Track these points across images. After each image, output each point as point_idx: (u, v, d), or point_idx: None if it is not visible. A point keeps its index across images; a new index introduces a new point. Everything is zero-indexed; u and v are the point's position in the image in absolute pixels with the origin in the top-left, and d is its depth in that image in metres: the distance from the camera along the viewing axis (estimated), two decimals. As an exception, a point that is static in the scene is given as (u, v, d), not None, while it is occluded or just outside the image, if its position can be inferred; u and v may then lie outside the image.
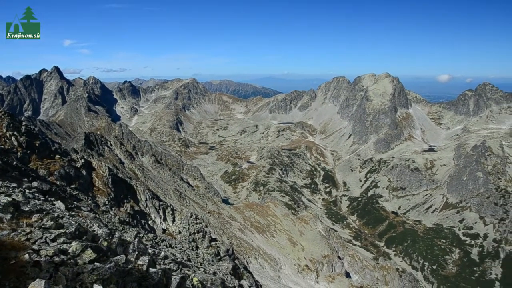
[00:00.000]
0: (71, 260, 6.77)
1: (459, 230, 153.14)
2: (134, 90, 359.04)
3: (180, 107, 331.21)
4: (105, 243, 9.01)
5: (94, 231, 11.92)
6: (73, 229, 8.71)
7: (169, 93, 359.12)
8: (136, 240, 10.88)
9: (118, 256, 7.85)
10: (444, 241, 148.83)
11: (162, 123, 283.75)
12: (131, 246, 10.11)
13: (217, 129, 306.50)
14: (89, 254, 7.15)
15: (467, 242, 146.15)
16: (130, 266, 7.65)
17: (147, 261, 8.47)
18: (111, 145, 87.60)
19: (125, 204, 44.98)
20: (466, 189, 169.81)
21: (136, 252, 9.35)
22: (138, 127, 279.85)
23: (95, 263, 6.93)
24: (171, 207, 51.54)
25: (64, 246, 7.21)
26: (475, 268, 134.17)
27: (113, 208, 39.60)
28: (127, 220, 38.26)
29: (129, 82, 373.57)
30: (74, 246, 7.21)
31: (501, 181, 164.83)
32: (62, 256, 6.69)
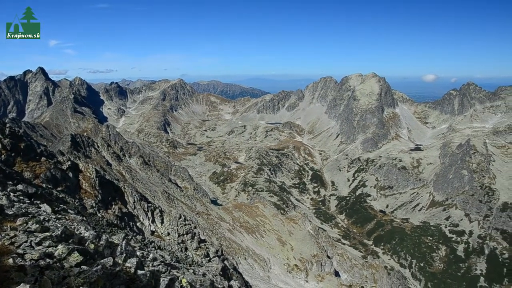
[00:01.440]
0: (57, 264, 6.66)
1: (446, 227, 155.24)
2: (121, 91, 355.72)
3: (168, 108, 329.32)
4: (92, 246, 8.90)
5: (80, 233, 11.77)
6: (59, 232, 8.59)
7: (157, 94, 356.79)
8: (124, 242, 10.77)
9: (106, 259, 7.76)
10: (431, 238, 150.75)
11: (150, 124, 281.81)
12: (119, 249, 9.99)
13: (205, 130, 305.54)
14: (75, 257, 7.05)
15: (453, 239, 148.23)
16: (117, 269, 7.56)
17: (135, 263, 8.39)
18: (98, 146, 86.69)
19: (113, 206, 44.52)
20: (451, 187, 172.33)
21: (124, 255, 9.24)
22: (126, 128, 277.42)
23: (81, 266, 6.83)
24: (160, 208, 51.16)
25: (50, 249, 7.09)
26: (461, 265, 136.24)
27: (100, 211, 39.14)
28: (115, 222, 37.86)
29: (116, 83, 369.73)
30: (60, 249, 7.10)
31: (485, 178, 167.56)
32: (47, 260, 6.58)
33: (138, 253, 12.76)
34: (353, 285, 79.17)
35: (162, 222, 47.84)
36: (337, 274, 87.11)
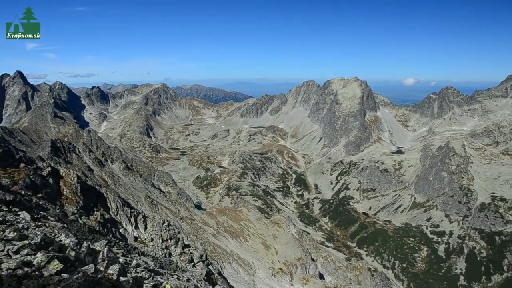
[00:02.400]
0: (36, 272, 6.53)
1: (427, 228, 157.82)
2: (102, 96, 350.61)
3: (150, 113, 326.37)
4: (73, 253, 8.76)
5: (61, 241, 11.55)
6: (38, 240, 8.43)
7: (139, 98, 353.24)
8: (106, 248, 10.62)
9: (87, 266, 7.65)
10: (413, 239, 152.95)
11: (132, 129, 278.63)
12: (101, 255, 9.85)
13: (188, 134, 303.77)
14: (55, 265, 6.93)
15: (434, 239, 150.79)
16: (99, 276, 7.46)
17: (118, 270, 8.28)
18: (80, 152, 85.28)
19: (95, 212, 43.79)
20: (432, 189, 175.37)
21: (106, 261, 9.12)
22: (108, 133, 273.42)
23: (62, 274, 6.72)
24: (143, 214, 50.58)
25: (28, 258, 6.96)
26: (442, 264, 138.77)
27: (82, 217, 38.47)
28: (98, 228, 37.28)
29: (98, 87, 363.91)
30: (39, 257, 6.97)
31: (464, 180, 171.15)
32: (26, 269, 6.45)
33: (121, 260, 12.60)
34: (337, 287, 79.70)
35: (145, 228, 47.29)
36: (321, 276, 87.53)
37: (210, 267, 34.66)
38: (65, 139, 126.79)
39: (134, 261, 14.13)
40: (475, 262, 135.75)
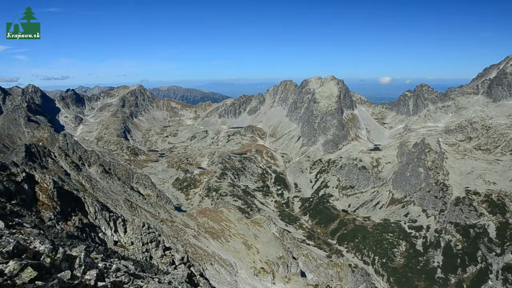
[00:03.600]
0: (8, 281, 6.31)
1: (405, 223, 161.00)
2: (78, 98, 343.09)
3: (128, 115, 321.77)
4: (48, 260, 8.51)
5: (35, 248, 11.23)
6: (11, 248, 8.15)
7: (116, 101, 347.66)
8: (83, 254, 10.37)
9: (63, 272, 7.46)
10: (391, 235, 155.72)
11: (109, 131, 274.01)
12: (77, 261, 9.61)
13: (167, 136, 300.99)
14: (29, 273, 6.71)
15: (412, 234, 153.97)
16: (76, 282, 7.28)
17: (95, 275, 8.11)
18: (55, 156, 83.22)
19: (73, 217, 42.78)
20: (409, 185, 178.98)
21: (83, 267, 8.91)
22: (84, 136, 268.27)
23: (36, 282, 6.52)
24: (122, 217, 49.76)
25: (0, 266, 6.72)
26: (420, 258, 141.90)
27: (59, 223, 37.52)
28: (76, 234, 36.45)
29: (73, 90, 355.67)
30: (12, 265, 6.73)
31: (439, 175, 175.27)
32: (-2, 278, 6.23)
33: (100, 265, 12.35)
34: (319, 284, 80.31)
35: (125, 232, 46.53)
36: (303, 274, 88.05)
37: (191, 268, 34.38)
38: (40, 143, 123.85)
39: (114, 266, 13.85)
40: (451, 254, 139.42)
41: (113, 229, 46.49)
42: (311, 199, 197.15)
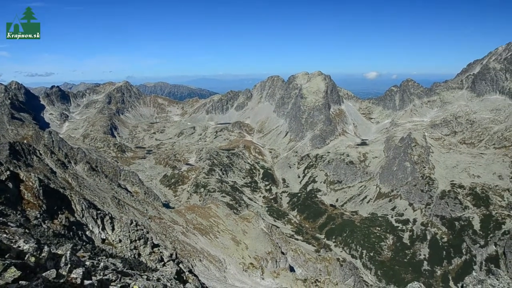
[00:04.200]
0: (-9, 281, 6.08)
1: (392, 217, 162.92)
2: (63, 95, 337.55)
3: (114, 112, 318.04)
4: (32, 259, 8.26)
5: (19, 247, 10.93)
6: (-6, 247, 7.89)
7: (102, 97, 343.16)
8: (69, 252, 10.13)
9: (48, 271, 7.23)
10: (379, 228, 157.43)
11: (96, 128, 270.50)
12: (63, 259, 9.37)
13: (154, 133, 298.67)
14: (12, 273, 6.47)
15: (399, 228, 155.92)
16: (62, 281, 7.07)
17: (81, 273, 7.89)
18: (41, 154, 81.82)
19: (60, 215, 42.11)
20: (396, 179, 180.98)
21: (69, 265, 8.68)
22: (70, 134, 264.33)
23: (20, 282, 6.29)
24: (110, 215, 49.16)
25: (-18, 266, 6.47)
26: (407, 251, 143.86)
27: (46, 221, 36.89)
28: (63, 232, 35.89)
29: (57, 86, 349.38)
30: (-6, 265, 6.50)
31: (425, 169, 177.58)
32: (-21, 278, 5.99)
33: (87, 263, 12.12)
34: (307, 279, 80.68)
35: (113, 229, 46.01)
36: (292, 269, 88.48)
37: (180, 265, 34.14)
38: (25, 141, 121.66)
39: (102, 264, 13.61)
40: (437, 247, 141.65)
41: (100, 227, 45.95)
42: (299, 194, 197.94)
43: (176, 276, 24.36)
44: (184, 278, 28.50)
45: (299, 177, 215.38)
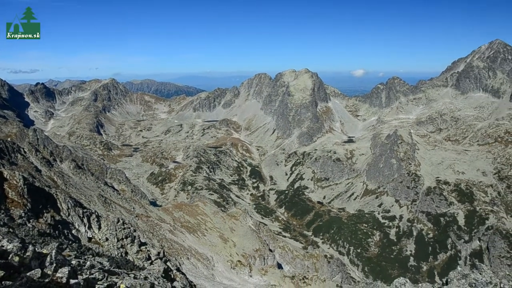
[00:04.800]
0: (-28, 282, 5.79)
1: (379, 214, 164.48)
2: (48, 92, 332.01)
3: (100, 109, 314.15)
4: (16, 259, 7.99)
5: (3, 246, 10.58)
6: (-25, 246, 7.57)
7: (88, 95, 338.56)
8: (54, 251, 9.82)
9: (33, 271, 6.97)
10: (366, 225, 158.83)
11: (82, 126, 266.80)
12: (48, 259, 9.08)
13: (141, 130, 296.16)
14: (-5, 272, 6.19)
15: (385, 224, 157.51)
16: (47, 280, 6.81)
17: (67, 272, 7.62)
18: (25, 152, 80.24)
19: (45, 214, 41.37)
20: (382, 176, 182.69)
21: (54, 264, 8.40)
22: (55, 131, 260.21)
23: (3, 282, 6.02)
24: (96, 213, 48.50)
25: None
26: (393, 247, 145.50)
27: (31, 220, 36.19)
28: (48, 231, 35.25)
29: (42, 83, 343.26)
30: (-25, 264, 6.20)
31: (411, 166, 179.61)
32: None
33: (73, 262, 11.84)
34: (295, 275, 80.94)
35: (99, 228, 45.42)
36: (279, 266, 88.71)
37: (168, 263, 33.82)
38: (8, 139, 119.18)
39: (88, 263, 13.29)
40: (423, 243, 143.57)
41: (87, 226, 45.34)
42: (286, 192, 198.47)
43: (163, 274, 24.07)
44: (172, 276, 28.21)
45: (286, 174, 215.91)
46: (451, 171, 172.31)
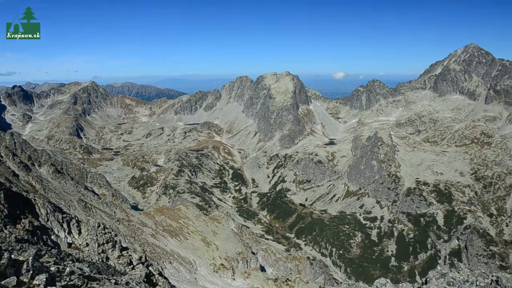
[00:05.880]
0: None
1: (360, 215, 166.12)
2: (26, 95, 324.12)
3: (80, 112, 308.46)
4: (-10, 266, 7.60)
5: (-24, 254, 10.12)
6: None
7: (67, 98, 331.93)
8: (31, 258, 9.44)
9: (8, 279, 6.63)
10: (348, 226, 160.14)
11: (61, 130, 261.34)
12: (25, 266, 8.71)
13: (121, 134, 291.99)
14: (-34, 281, 5.85)
15: (367, 225, 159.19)
16: (22, 288, 6.48)
17: (44, 279, 7.31)
18: (2, 156, 77.90)
19: (23, 220, 40.15)
20: (364, 177, 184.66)
21: (31, 272, 8.05)
22: (33, 135, 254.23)
23: (-25, 291, 5.69)
24: (76, 218, 47.33)
25: None
26: (375, 248, 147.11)
27: (7, 226, 35.03)
28: (26, 237, 34.18)
29: (20, 86, 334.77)
30: None
31: (391, 167, 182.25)
32: None
33: (52, 268, 11.43)
34: (278, 278, 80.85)
35: (79, 233, 44.37)
36: (262, 269, 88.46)
37: (150, 268, 33.24)
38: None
39: (68, 269, 12.86)
40: (404, 243, 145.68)
41: (66, 231, 44.24)
42: (268, 194, 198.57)
43: (145, 279, 23.62)
44: (154, 281, 27.73)
45: (268, 177, 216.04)
46: (430, 172, 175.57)
